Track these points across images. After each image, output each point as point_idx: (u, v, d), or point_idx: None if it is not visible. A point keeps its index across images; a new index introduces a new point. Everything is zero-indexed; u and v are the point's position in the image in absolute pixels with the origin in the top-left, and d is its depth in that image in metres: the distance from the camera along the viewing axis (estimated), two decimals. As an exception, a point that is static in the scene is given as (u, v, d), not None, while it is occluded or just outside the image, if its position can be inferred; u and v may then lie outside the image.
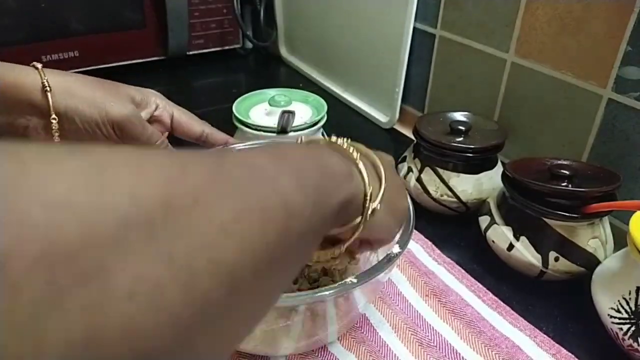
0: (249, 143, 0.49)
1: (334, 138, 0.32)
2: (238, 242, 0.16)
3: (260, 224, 0.18)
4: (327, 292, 0.30)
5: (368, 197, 0.29)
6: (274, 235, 0.18)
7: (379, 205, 0.29)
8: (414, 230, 0.37)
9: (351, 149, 0.31)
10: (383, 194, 0.30)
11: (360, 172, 0.29)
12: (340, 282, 0.31)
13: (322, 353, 0.38)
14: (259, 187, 0.19)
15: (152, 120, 0.47)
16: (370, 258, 0.42)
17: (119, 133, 0.43)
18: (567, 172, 0.42)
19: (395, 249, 0.34)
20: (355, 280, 0.31)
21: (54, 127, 0.41)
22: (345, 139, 0.32)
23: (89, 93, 0.42)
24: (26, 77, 0.40)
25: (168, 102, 0.50)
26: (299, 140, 0.33)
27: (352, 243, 0.31)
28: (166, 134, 0.49)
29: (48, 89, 0.40)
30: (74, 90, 0.41)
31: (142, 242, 0.13)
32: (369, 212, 0.29)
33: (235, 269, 0.16)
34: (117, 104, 0.43)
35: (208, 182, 0.17)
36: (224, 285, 0.16)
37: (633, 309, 0.35)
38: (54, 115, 0.41)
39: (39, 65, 0.41)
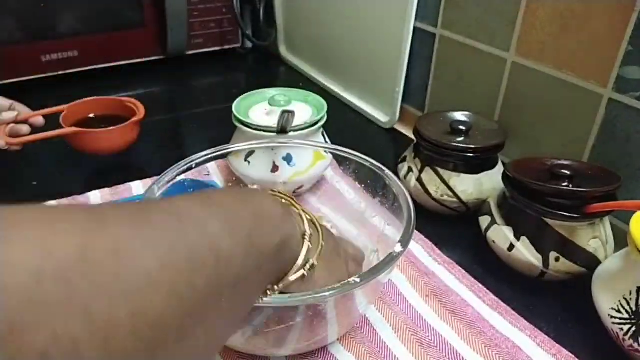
0: (246, 144, 0.49)
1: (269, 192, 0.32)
2: (164, 293, 0.16)
3: (188, 272, 0.17)
4: (327, 293, 0.30)
5: (307, 238, 0.29)
6: (203, 283, 0.18)
7: (316, 261, 0.29)
8: (415, 231, 0.37)
9: (285, 197, 0.30)
10: (321, 250, 0.30)
11: (300, 215, 0.29)
12: (349, 280, 0.31)
13: (322, 353, 0.38)
14: (186, 234, 0.18)
15: None
16: (371, 258, 0.42)
17: None
18: (567, 172, 0.42)
19: (397, 248, 0.34)
20: (357, 280, 0.31)
21: None
22: (281, 194, 0.32)
23: None
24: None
25: None
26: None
27: None
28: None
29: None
30: None
31: (58, 298, 0.13)
32: (308, 265, 0.29)
33: (159, 321, 0.15)
34: None
35: (130, 231, 0.16)
36: (145, 340, 0.15)
37: (634, 309, 0.35)
38: None
39: None
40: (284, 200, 0.30)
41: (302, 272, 0.29)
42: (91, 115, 0.63)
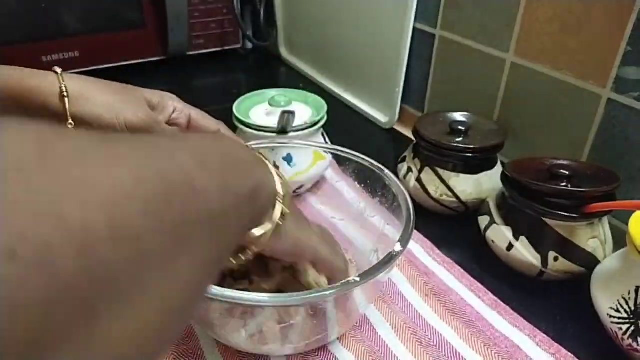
0: (252, 143, 0.49)
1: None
2: (141, 208, 0.14)
3: (164, 192, 0.16)
4: (327, 292, 0.30)
5: (280, 190, 0.28)
6: (180, 208, 0.16)
7: (287, 209, 0.28)
8: (414, 230, 0.37)
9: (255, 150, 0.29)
10: (291, 201, 0.29)
11: (269, 168, 0.28)
12: (341, 282, 0.31)
13: (322, 353, 0.38)
14: (157, 158, 0.17)
15: (169, 123, 0.47)
16: (370, 258, 0.42)
17: None
18: (566, 172, 0.42)
19: (397, 247, 0.34)
20: (357, 279, 0.31)
21: None
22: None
23: (105, 98, 0.42)
24: (44, 81, 0.40)
25: (185, 105, 0.49)
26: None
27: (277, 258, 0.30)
28: None
29: (65, 94, 0.40)
30: (91, 95, 0.41)
31: (18, 196, 0.11)
32: (279, 213, 0.28)
33: (140, 239, 0.14)
34: (134, 108, 0.42)
35: (95, 144, 0.15)
36: (126, 256, 0.14)
37: (632, 308, 0.35)
38: (70, 121, 0.40)
39: (59, 70, 0.41)
40: (259, 155, 0.29)
41: (276, 221, 0.28)
42: None
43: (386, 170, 0.43)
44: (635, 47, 0.44)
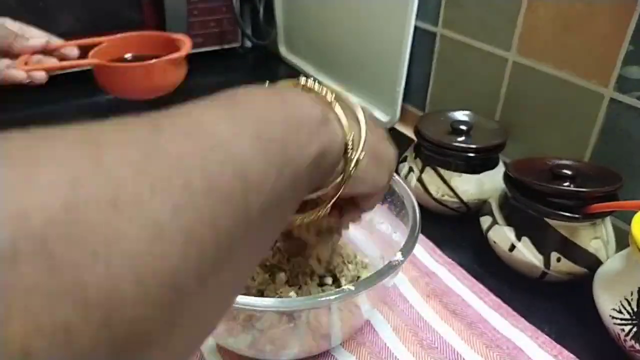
0: None
1: (303, 80, 0.27)
2: (179, 244, 0.13)
3: (210, 209, 0.14)
4: (332, 297, 0.30)
5: (349, 144, 0.25)
6: (229, 218, 0.15)
7: (362, 154, 0.25)
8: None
9: (324, 90, 0.26)
10: (365, 141, 0.26)
11: (338, 117, 0.25)
12: (344, 288, 0.31)
13: (323, 355, 0.38)
14: (207, 160, 0.15)
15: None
16: (377, 265, 0.42)
17: None
18: (568, 172, 0.42)
19: (398, 256, 0.34)
20: (352, 288, 0.31)
21: None
22: (316, 81, 0.27)
23: None
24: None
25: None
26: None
27: (336, 204, 0.27)
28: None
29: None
30: None
31: (34, 279, 0.10)
32: (353, 163, 0.25)
33: (174, 278, 0.13)
34: None
35: (133, 172, 0.13)
36: (156, 302, 0.12)
37: (635, 309, 0.35)
38: None
39: None
40: (324, 97, 0.25)
41: (343, 175, 0.25)
42: (127, 56, 0.56)
43: (396, 176, 0.42)
44: (638, 46, 0.44)
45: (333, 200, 0.27)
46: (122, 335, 0.11)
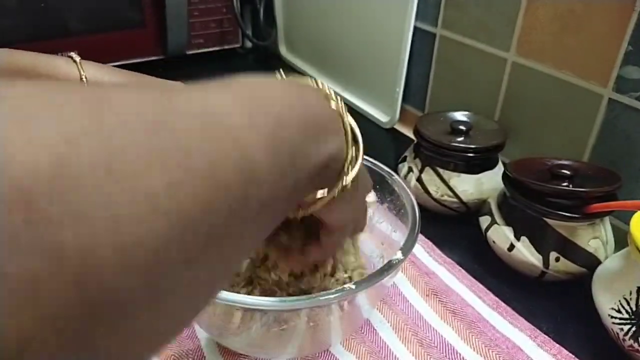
0: None
1: (309, 80, 0.26)
2: (172, 220, 0.13)
3: (206, 194, 0.14)
4: (331, 296, 0.30)
5: (347, 161, 0.24)
6: (224, 208, 0.15)
7: (350, 183, 0.24)
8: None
9: (339, 100, 0.24)
10: (360, 168, 0.25)
11: (345, 128, 0.23)
12: (343, 287, 0.31)
13: (323, 354, 0.38)
14: (211, 147, 0.15)
15: None
16: (377, 264, 0.42)
17: None
18: (567, 172, 0.42)
19: (398, 255, 0.34)
20: (353, 287, 0.31)
21: None
22: (323, 84, 0.26)
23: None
24: (64, 69, 0.39)
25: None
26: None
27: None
28: None
29: (85, 82, 0.39)
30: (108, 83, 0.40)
31: (18, 229, 0.10)
32: (344, 183, 0.24)
33: (160, 254, 0.12)
34: None
35: (134, 141, 0.12)
36: (134, 277, 0.12)
37: (634, 309, 0.35)
38: None
39: (77, 58, 0.40)
40: (332, 103, 0.24)
41: (333, 193, 0.24)
42: None
43: (395, 176, 0.42)
44: (637, 46, 0.44)
45: (306, 213, 0.26)
46: (98, 300, 0.11)
